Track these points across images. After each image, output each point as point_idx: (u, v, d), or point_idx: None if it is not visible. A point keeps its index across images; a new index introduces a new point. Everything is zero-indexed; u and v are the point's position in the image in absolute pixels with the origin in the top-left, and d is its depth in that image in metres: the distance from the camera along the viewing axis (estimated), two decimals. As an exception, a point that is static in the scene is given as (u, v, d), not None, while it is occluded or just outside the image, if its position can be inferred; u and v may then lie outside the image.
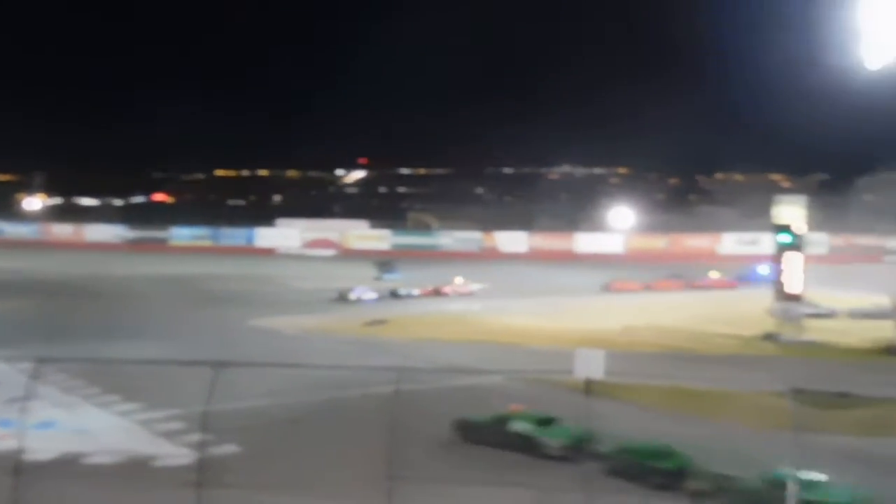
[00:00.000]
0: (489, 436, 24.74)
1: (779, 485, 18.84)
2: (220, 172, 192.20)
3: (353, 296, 63.32)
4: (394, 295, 65.26)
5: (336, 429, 26.51)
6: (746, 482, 20.16)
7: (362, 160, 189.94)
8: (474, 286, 69.62)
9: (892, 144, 63.73)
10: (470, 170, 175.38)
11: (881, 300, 48.29)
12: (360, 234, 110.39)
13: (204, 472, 19.70)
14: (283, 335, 45.34)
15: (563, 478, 20.74)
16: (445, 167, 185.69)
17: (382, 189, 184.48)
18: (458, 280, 70.52)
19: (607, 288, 70.85)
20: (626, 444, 22.66)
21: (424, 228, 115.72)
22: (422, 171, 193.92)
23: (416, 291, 67.12)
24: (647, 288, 70.20)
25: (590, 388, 18.65)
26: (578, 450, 22.58)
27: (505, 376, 32.78)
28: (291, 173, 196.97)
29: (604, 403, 23.16)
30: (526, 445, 24.03)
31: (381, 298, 63.32)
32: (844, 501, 19.77)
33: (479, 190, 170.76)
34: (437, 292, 67.17)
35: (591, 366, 18.47)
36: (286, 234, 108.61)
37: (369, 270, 76.35)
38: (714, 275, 75.19)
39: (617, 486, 21.06)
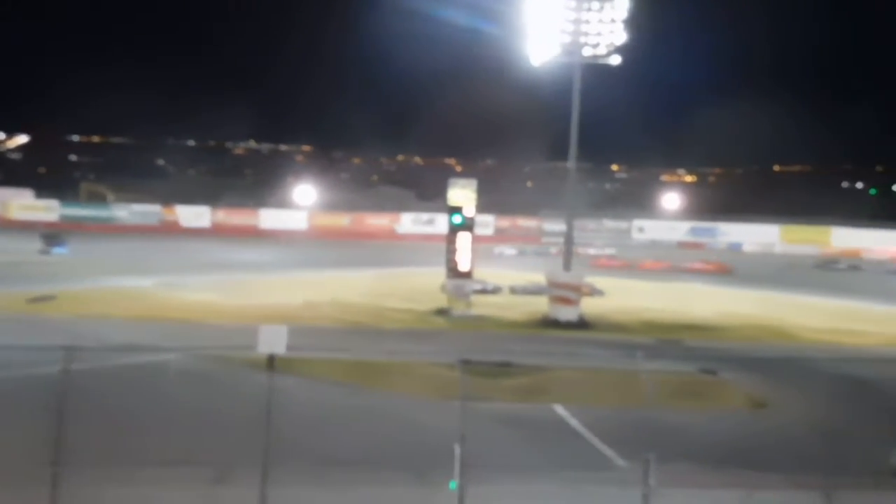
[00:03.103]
0: None
1: None
2: None
3: (496, 251, 79.61)
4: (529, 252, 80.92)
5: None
6: None
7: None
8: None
9: (552, 136, 70.05)
10: (150, 141, 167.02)
11: (538, 277, 53.15)
12: (24, 204, 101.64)
13: None
14: (-71, 314, 40.72)
15: None
16: (123, 136, 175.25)
17: (50, 156, 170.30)
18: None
19: (590, 264, 74.33)
20: None
21: (98, 200, 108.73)
22: (96, 139, 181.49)
23: (553, 249, 75.85)
24: (631, 266, 73.03)
25: (272, 363, 18.81)
26: None
27: (184, 353, 31.92)
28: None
29: (285, 378, 23.44)
30: None
31: (520, 254, 79.23)
32: None
33: (160, 162, 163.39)
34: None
35: (273, 341, 18.53)
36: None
37: (34, 243, 70.55)
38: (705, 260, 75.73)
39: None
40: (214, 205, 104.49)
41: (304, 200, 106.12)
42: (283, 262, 69.91)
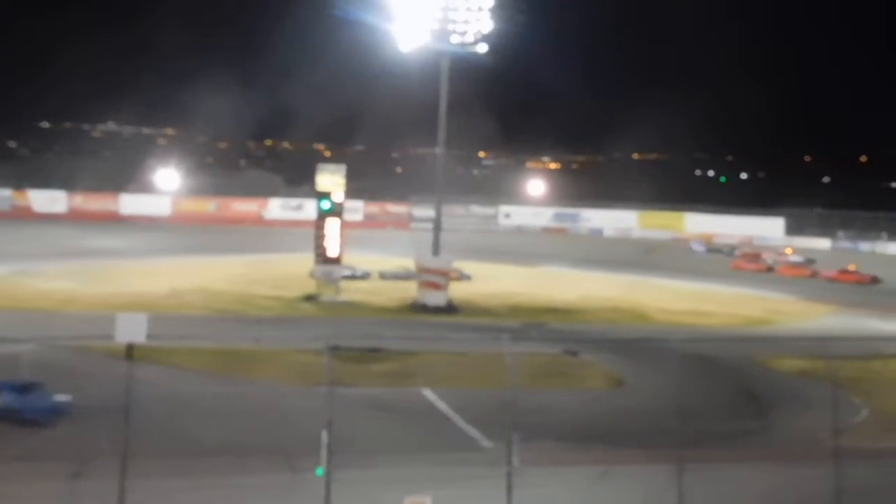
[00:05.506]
0: None
1: None
2: None
3: (694, 247, 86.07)
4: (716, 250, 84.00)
5: None
6: None
7: None
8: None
9: (420, 122, 70.57)
10: (1, 122, 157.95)
11: (408, 263, 53.50)
12: None
13: None
14: None
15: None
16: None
17: None
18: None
19: (731, 266, 73.98)
20: None
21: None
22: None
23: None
24: (770, 270, 72.71)
25: (131, 353, 18.34)
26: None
27: (39, 344, 30.56)
28: None
29: (146, 368, 22.91)
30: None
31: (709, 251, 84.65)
32: None
33: (12, 144, 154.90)
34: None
35: (132, 330, 18.03)
36: None
37: None
38: (852, 268, 69.76)
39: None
40: (71, 189, 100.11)
41: (167, 185, 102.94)
42: (146, 249, 67.70)
